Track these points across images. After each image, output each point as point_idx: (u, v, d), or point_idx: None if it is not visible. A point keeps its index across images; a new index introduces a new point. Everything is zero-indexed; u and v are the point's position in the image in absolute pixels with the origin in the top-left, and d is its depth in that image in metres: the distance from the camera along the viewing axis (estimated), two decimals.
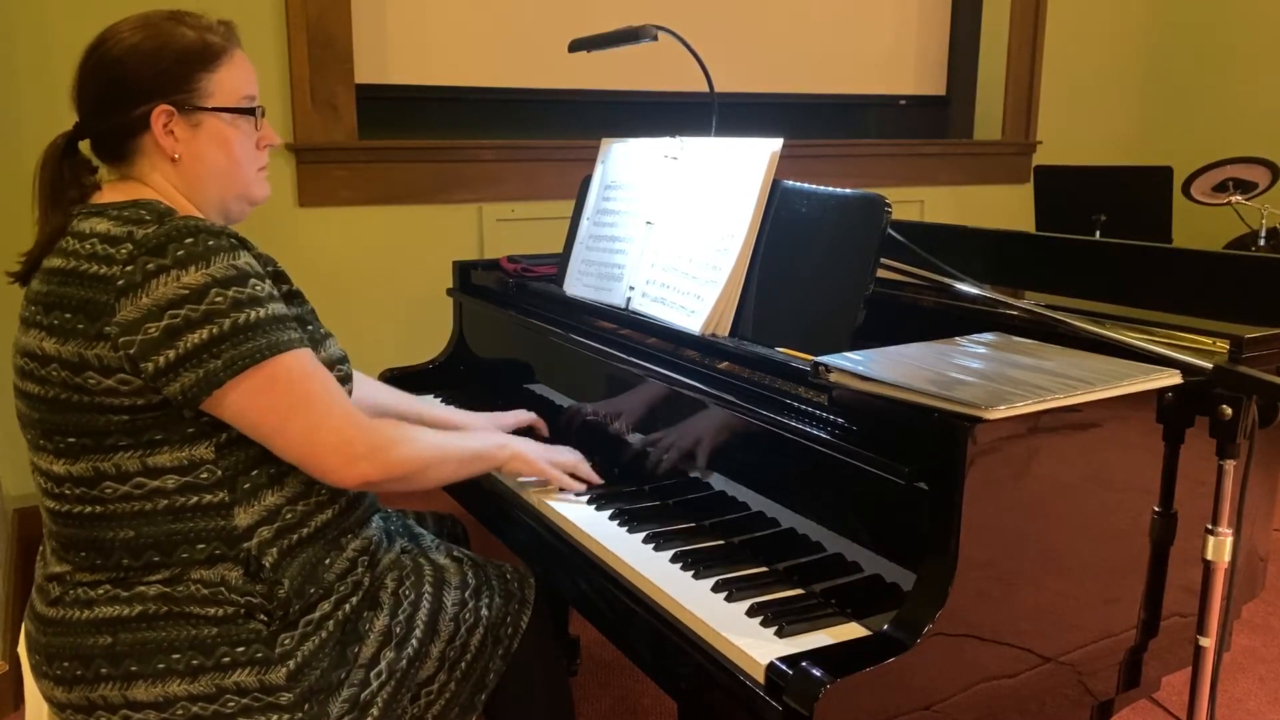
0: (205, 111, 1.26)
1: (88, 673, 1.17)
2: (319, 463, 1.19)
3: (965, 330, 1.34)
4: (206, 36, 1.26)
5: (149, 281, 1.11)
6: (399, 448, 1.25)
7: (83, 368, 1.13)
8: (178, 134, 1.24)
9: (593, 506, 1.46)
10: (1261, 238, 3.40)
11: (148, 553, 1.18)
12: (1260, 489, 1.35)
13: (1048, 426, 1.08)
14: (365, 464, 1.21)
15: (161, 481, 1.17)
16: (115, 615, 1.18)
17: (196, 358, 1.12)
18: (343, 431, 1.20)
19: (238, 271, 1.15)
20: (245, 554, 1.20)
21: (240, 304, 1.14)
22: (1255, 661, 2.38)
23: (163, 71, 1.22)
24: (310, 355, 1.21)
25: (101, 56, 1.23)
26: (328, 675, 1.22)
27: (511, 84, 3.36)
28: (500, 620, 1.38)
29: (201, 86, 1.25)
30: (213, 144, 1.27)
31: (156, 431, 1.17)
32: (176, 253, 1.12)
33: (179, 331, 1.11)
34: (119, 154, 1.26)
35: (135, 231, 1.14)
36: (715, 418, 1.38)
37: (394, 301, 3.12)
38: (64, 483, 1.19)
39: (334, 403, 1.21)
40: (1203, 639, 1.14)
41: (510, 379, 1.98)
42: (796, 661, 1.00)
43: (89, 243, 1.15)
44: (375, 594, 1.31)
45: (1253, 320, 1.34)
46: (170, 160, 1.25)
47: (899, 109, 4.14)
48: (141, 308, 1.11)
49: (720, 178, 1.56)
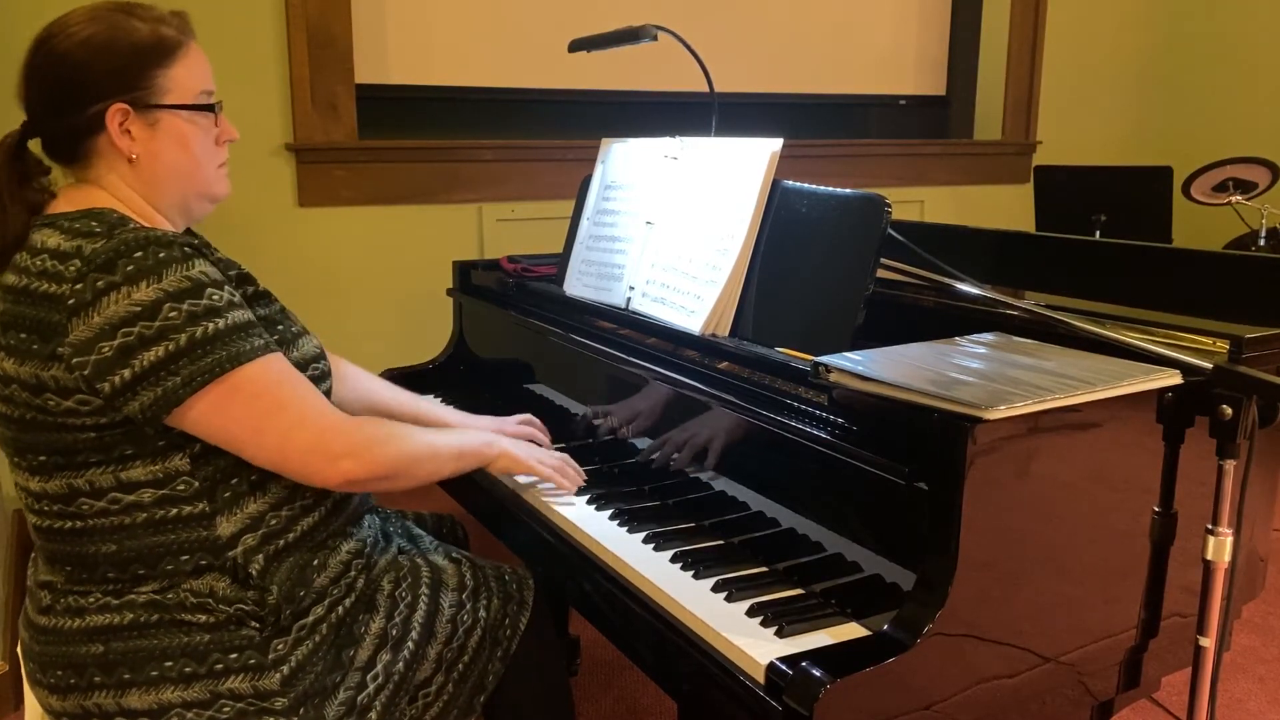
0: (162, 109, 1.20)
1: (81, 681, 1.17)
2: (299, 466, 1.17)
3: (965, 330, 1.34)
4: (160, 29, 1.20)
5: (99, 300, 1.07)
6: (382, 446, 1.23)
7: (41, 389, 1.11)
8: (134, 133, 1.19)
9: (593, 507, 1.46)
10: (1261, 238, 3.40)
11: (133, 566, 1.17)
12: (1260, 489, 1.35)
13: (1048, 426, 1.08)
14: (348, 462, 1.18)
15: (137, 496, 1.15)
16: (107, 623, 1.17)
17: (154, 375, 1.08)
18: (319, 432, 1.17)
19: (192, 283, 1.11)
20: (231, 562, 1.18)
21: (196, 317, 1.10)
22: (1255, 661, 2.37)
23: (116, 69, 1.17)
24: (278, 360, 1.18)
25: (49, 52, 1.17)
26: (323, 679, 1.21)
27: (511, 84, 3.36)
28: (499, 622, 1.37)
29: (158, 83, 1.19)
30: (171, 143, 1.22)
31: (127, 446, 1.14)
32: (126, 268, 1.08)
33: (133, 350, 1.08)
34: (72, 156, 1.21)
35: (84, 246, 1.10)
36: (715, 418, 1.38)
37: (394, 301, 3.12)
38: (42, 499, 1.18)
39: (307, 404, 1.18)
40: (1203, 639, 1.14)
41: (510, 379, 1.98)
42: (796, 661, 1.00)
43: (40, 258, 1.12)
44: (371, 596, 1.30)
45: (1253, 320, 1.34)
46: (127, 161, 1.20)
47: (899, 109, 4.14)
48: (93, 327, 1.07)
49: (720, 178, 1.56)
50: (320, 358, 1.31)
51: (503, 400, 1.97)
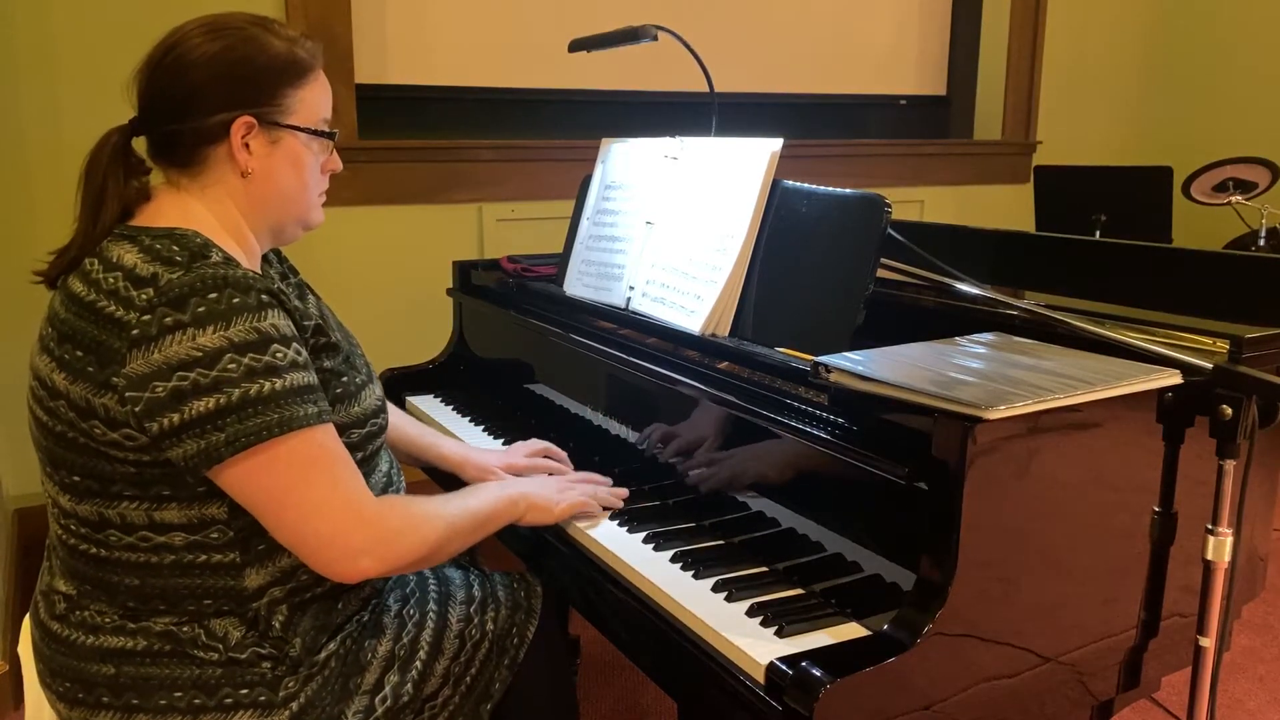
0: (286, 129, 1.19)
1: (89, 697, 1.16)
2: (313, 555, 1.11)
3: (965, 330, 1.34)
4: (296, 50, 1.20)
5: (164, 336, 1.04)
6: (403, 539, 1.16)
7: (90, 414, 1.08)
8: (254, 148, 1.18)
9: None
10: (1261, 238, 3.40)
11: (154, 601, 1.15)
12: (1260, 489, 1.35)
13: (1048, 426, 1.08)
14: (366, 560, 1.12)
15: (168, 538, 1.12)
16: (120, 646, 1.15)
17: (200, 426, 1.04)
18: (340, 522, 1.11)
19: (259, 336, 1.06)
20: (254, 613, 1.16)
21: (254, 373, 1.05)
22: (1255, 661, 2.37)
23: (249, 80, 1.16)
24: (326, 432, 1.12)
25: (181, 55, 1.15)
26: (330, 710, 1.19)
27: (511, 84, 3.36)
28: (506, 632, 1.35)
29: (286, 103, 1.19)
30: (287, 163, 1.21)
31: (164, 487, 1.10)
32: (197, 309, 1.04)
33: (185, 396, 1.04)
34: (185, 160, 1.18)
35: (161, 275, 1.06)
36: (715, 418, 1.38)
37: (394, 301, 3.12)
38: (70, 518, 1.16)
39: (337, 489, 1.11)
40: (1203, 639, 1.14)
41: (510, 379, 1.98)
42: (796, 661, 1.00)
43: (113, 275, 1.08)
44: (378, 619, 1.28)
45: (1253, 320, 1.34)
46: (240, 174, 1.18)
47: (899, 109, 4.14)
48: (152, 363, 1.04)
49: (720, 178, 1.56)
50: (380, 411, 1.28)
51: (503, 400, 1.97)
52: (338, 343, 1.24)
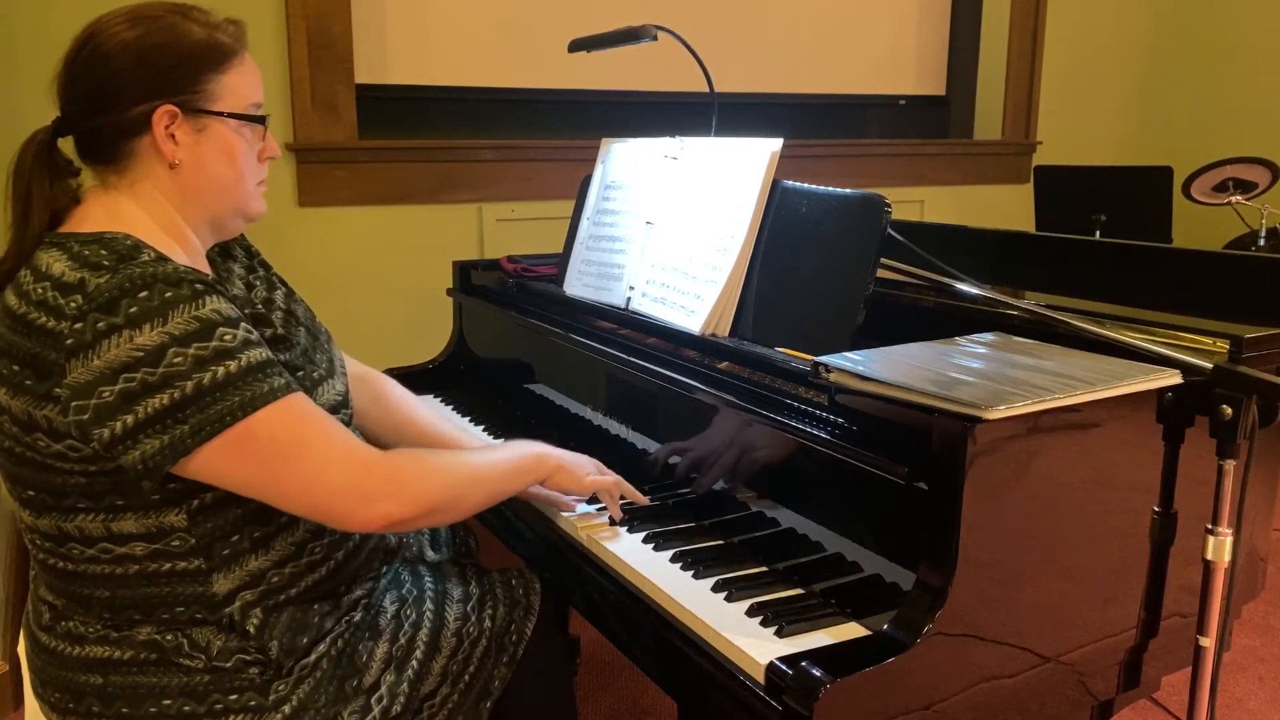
0: (212, 116, 1.16)
1: (79, 707, 1.15)
2: (330, 509, 1.09)
3: (965, 330, 1.34)
4: (216, 35, 1.16)
5: (99, 342, 1.00)
6: (422, 481, 1.15)
7: (32, 428, 1.05)
8: (179, 138, 1.14)
9: (593, 507, 1.46)
10: (1261, 238, 3.40)
11: (127, 611, 1.14)
12: (1260, 489, 1.35)
13: (1048, 426, 1.08)
14: (387, 502, 1.10)
15: (129, 548, 1.11)
16: (106, 656, 1.14)
17: (159, 423, 1.01)
18: (350, 471, 1.09)
19: (200, 324, 1.03)
20: (228, 619, 1.15)
21: (204, 362, 1.02)
22: (1255, 661, 2.37)
23: (168, 68, 1.12)
24: (300, 399, 1.10)
25: (97, 47, 1.11)
26: (325, 712, 1.18)
27: (511, 84, 3.36)
28: (504, 629, 1.35)
29: (209, 89, 1.15)
30: (216, 152, 1.17)
31: (117, 497, 1.08)
32: (129, 310, 1.01)
33: (136, 396, 1.01)
34: (109, 156, 1.15)
35: (88, 280, 1.03)
36: (715, 418, 1.38)
37: (394, 301, 3.12)
38: (34, 532, 1.15)
39: (334, 442, 1.10)
40: (1203, 639, 1.14)
41: (510, 379, 1.98)
42: (796, 661, 1.00)
43: (42, 285, 1.05)
44: (374, 621, 1.27)
45: (1253, 320, 1.34)
46: (168, 167, 1.14)
47: (899, 109, 4.13)
48: (93, 370, 1.00)
49: (720, 178, 1.56)
50: (340, 407, 1.25)
51: (503, 400, 1.97)
52: (288, 335, 1.22)
